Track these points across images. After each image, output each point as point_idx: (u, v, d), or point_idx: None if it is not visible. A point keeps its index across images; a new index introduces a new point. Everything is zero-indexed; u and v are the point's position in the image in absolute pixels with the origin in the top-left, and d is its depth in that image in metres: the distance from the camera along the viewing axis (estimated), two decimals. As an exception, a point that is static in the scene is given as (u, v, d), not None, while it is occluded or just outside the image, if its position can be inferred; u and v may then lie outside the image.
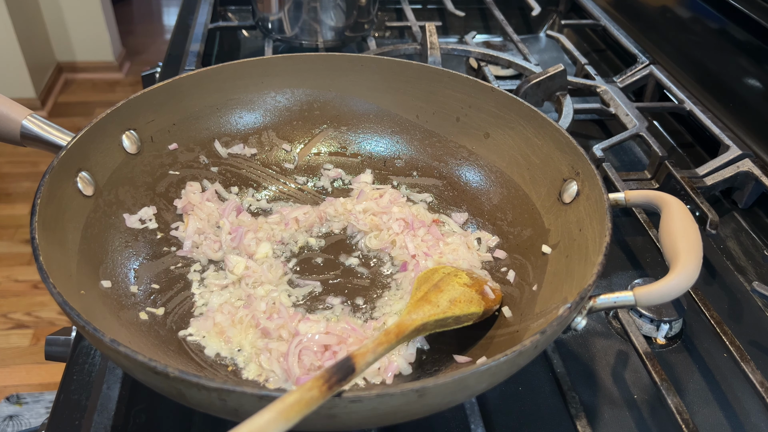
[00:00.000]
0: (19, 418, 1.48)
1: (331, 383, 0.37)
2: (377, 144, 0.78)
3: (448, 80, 0.73)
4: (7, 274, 1.99)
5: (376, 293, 0.64)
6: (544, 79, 0.88)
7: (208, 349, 0.56)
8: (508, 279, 0.64)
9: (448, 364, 0.56)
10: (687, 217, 0.54)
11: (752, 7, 0.88)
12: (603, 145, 0.83)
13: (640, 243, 0.77)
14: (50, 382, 1.67)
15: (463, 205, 0.73)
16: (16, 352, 1.75)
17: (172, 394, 0.41)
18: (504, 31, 1.16)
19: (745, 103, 0.89)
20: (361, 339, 0.57)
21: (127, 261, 0.62)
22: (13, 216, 2.22)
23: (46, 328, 1.83)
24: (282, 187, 0.75)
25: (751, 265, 0.74)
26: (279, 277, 0.64)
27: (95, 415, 0.50)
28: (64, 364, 0.60)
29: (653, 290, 0.49)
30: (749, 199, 0.80)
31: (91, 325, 0.42)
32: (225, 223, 0.68)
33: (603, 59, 1.19)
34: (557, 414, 0.56)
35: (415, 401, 0.40)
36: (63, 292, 0.45)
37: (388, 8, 1.28)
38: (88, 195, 0.60)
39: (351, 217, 0.71)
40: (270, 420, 0.35)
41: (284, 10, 1.01)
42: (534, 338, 0.43)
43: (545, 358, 0.60)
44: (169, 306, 0.60)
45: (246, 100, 0.75)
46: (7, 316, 1.85)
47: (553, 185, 0.64)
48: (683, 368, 0.62)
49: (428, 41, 0.96)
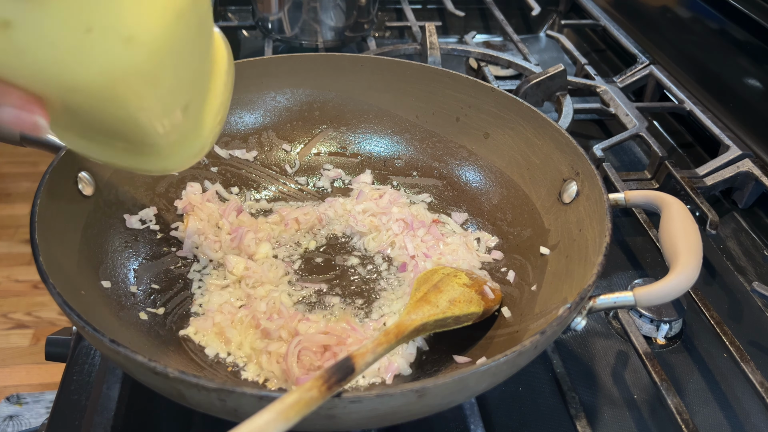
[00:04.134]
0: (19, 418, 1.48)
1: (330, 383, 0.37)
2: (377, 144, 0.78)
3: (448, 80, 0.73)
4: (7, 274, 1.99)
5: (376, 294, 0.64)
6: (544, 79, 0.88)
7: (207, 349, 0.56)
8: (507, 279, 0.64)
9: (447, 364, 0.56)
10: (687, 218, 0.54)
11: (752, 7, 0.88)
12: (603, 145, 0.83)
13: (640, 243, 0.77)
14: (50, 382, 1.67)
15: (463, 205, 0.73)
16: (16, 352, 1.75)
17: (172, 394, 0.41)
18: (504, 31, 1.16)
19: (745, 103, 0.89)
20: (361, 339, 0.57)
21: (127, 261, 0.62)
22: (13, 216, 2.22)
23: (46, 328, 1.83)
24: (282, 187, 0.75)
25: (751, 265, 0.74)
26: (279, 278, 0.64)
27: (95, 415, 0.50)
28: (64, 364, 0.60)
29: (653, 290, 0.49)
30: (749, 199, 0.80)
31: (91, 326, 0.42)
32: (225, 224, 0.68)
33: (603, 59, 1.19)
34: (557, 414, 0.56)
35: (414, 401, 0.40)
36: (63, 292, 0.45)
37: (388, 8, 1.28)
38: (88, 195, 0.60)
39: (350, 218, 0.71)
40: (269, 420, 0.35)
41: (284, 10, 1.01)
42: (534, 339, 0.43)
43: (545, 358, 0.60)
44: (169, 306, 0.60)
45: (246, 100, 0.75)
46: (7, 316, 1.85)
47: (553, 185, 0.64)
48: (683, 368, 0.62)
49: (428, 41, 0.96)
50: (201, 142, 0.45)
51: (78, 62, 0.32)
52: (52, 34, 0.31)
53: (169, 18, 0.35)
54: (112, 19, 0.32)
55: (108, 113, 0.37)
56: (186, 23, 0.37)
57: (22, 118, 0.34)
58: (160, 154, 0.42)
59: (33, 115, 0.34)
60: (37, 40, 0.31)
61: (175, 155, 0.43)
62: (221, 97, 0.45)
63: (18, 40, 0.31)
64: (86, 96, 0.35)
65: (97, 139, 0.41)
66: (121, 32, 0.32)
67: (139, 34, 0.33)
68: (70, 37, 0.31)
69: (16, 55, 0.31)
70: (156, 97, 0.37)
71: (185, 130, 0.42)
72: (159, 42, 0.35)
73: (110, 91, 0.35)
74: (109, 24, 0.32)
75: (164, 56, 0.36)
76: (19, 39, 0.31)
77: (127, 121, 0.37)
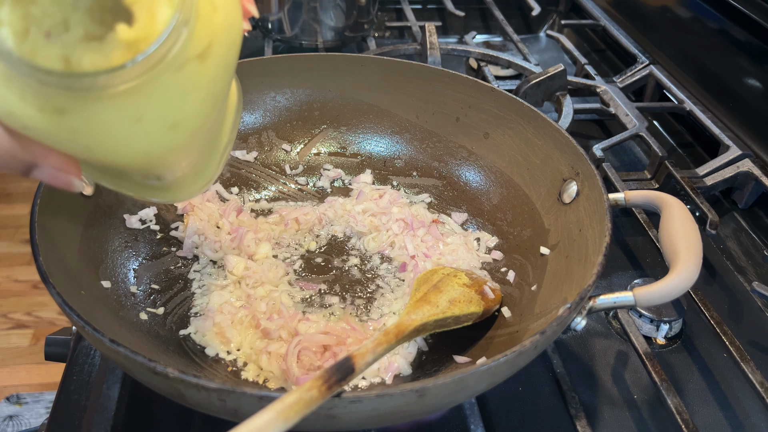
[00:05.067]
0: (19, 418, 1.48)
1: (330, 383, 0.37)
2: (377, 144, 0.78)
3: (448, 80, 0.73)
4: (7, 274, 1.99)
5: (376, 294, 0.64)
6: (544, 79, 0.88)
7: (208, 349, 0.56)
8: (507, 279, 0.64)
9: (447, 364, 0.56)
10: (687, 218, 0.54)
11: (752, 7, 0.88)
12: (603, 145, 0.83)
13: (640, 243, 0.77)
14: (50, 382, 1.67)
15: (463, 205, 0.73)
16: (16, 352, 1.75)
17: (172, 394, 0.41)
18: (504, 31, 1.16)
19: (745, 103, 0.89)
20: (361, 339, 0.57)
21: (127, 261, 0.62)
22: (13, 216, 2.22)
23: (46, 328, 1.83)
24: (282, 187, 0.75)
25: (751, 265, 0.74)
26: (279, 278, 0.64)
27: (95, 415, 0.50)
28: (64, 364, 0.60)
29: (653, 290, 0.49)
30: (749, 199, 0.80)
31: (90, 326, 0.42)
32: (225, 224, 0.68)
33: (603, 59, 1.19)
34: (557, 414, 0.56)
35: (414, 401, 0.40)
36: (63, 292, 0.45)
37: (388, 8, 1.28)
38: (88, 195, 0.60)
39: (350, 218, 0.71)
40: (269, 420, 0.35)
41: (284, 10, 1.01)
42: (534, 339, 0.43)
43: (545, 358, 0.60)
44: (169, 306, 0.60)
45: (246, 100, 0.75)
46: (7, 316, 1.85)
47: (553, 185, 0.64)
48: (683, 368, 0.62)
49: (428, 41, 0.96)
50: (210, 176, 0.47)
51: (125, 145, 0.35)
52: (104, 123, 0.33)
53: (209, 105, 0.37)
54: (161, 111, 0.34)
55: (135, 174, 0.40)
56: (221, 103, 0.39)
57: (59, 177, 0.36)
58: (172, 190, 0.45)
59: (69, 175, 0.36)
60: (89, 127, 0.33)
61: (187, 189, 0.46)
62: (230, 135, 0.47)
63: (70, 124, 0.33)
64: (124, 168, 0.37)
65: (116, 179, 0.43)
66: (168, 121, 0.35)
67: (183, 122, 0.35)
68: (121, 125, 0.33)
69: (66, 135, 0.33)
70: (181, 161, 0.40)
71: (199, 169, 0.45)
72: (199, 125, 0.37)
73: (149, 164, 0.37)
74: (158, 115, 0.34)
75: (199, 139, 0.39)
76: (71, 124, 0.33)
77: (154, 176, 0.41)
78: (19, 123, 0.32)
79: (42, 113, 0.32)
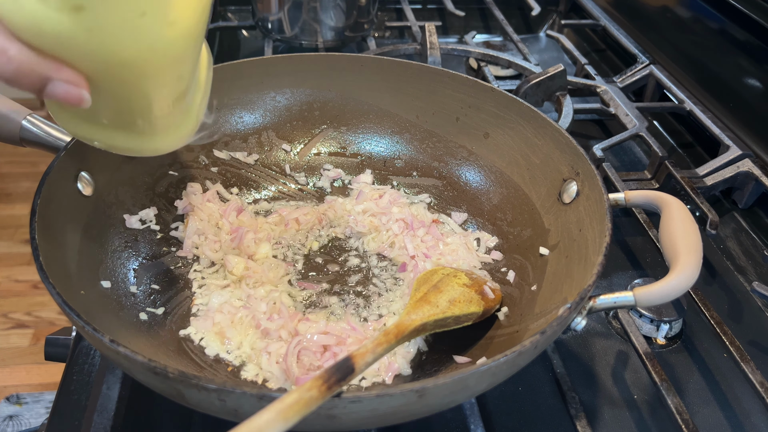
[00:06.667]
0: (19, 418, 1.48)
1: (330, 383, 0.37)
2: (377, 144, 0.78)
3: (448, 80, 0.73)
4: (7, 274, 1.99)
5: (376, 294, 0.64)
6: (544, 79, 0.88)
7: (208, 349, 0.56)
8: (507, 279, 0.64)
9: (447, 364, 0.56)
10: (687, 218, 0.54)
11: (752, 7, 0.88)
12: (603, 145, 0.83)
13: (640, 243, 0.77)
14: (50, 382, 1.67)
15: (463, 205, 0.73)
16: (16, 352, 1.75)
17: (172, 394, 0.41)
18: (504, 31, 1.16)
19: (745, 103, 0.89)
20: (361, 339, 0.57)
21: (127, 261, 0.62)
22: (13, 216, 2.22)
23: (46, 328, 1.83)
24: (282, 187, 0.75)
25: (751, 265, 0.74)
26: (279, 278, 0.64)
27: (95, 415, 0.50)
28: (64, 364, 0.60)
29: (653, 290, 0.49)
30: (749, 199, 0.80)
31: (91, 326, 0.42)
32: (225, 224, 0.68)
33: (603, 59, 1.19)
34: (557, 414, 0.56)
35: (414, 402, 0.40)
36: (63, 292, 0.45)
37: (388, 8, 1.28)
38: (88, 195, 0.60)
39: (350, 218, 0.71)
40: (269, 420, 0.35)
41: (284, 10, 1.01)
42: (534, 339, 0.43)
43: (545, 358, 0.60)
44: (169, 306, 0.60)
45: (246, 100, 0.75)
46: (7, 316, 1.85)
47: (553, 185, 0.64)
48: (683, 368, 0.62)
49: (428, 41, 0.96)
50: (188, 128, 0.52)
51: (132, 39, 0.41)
52: (115, 17, 0.39)
53: (200, 11, 0.44)
54: (162, 7, 0.41)
55: (134, 87, 0.44)
56: (204, 18, 0.46)
57: (71, 92, 0.40)
58: (155, 135, 0.50)
59: (80, 89, 0.41)
60: (102, 22, 0.39)
61: (167, 136, 0.51)
62: (204, 91, 0.53)
63: (86, 21, 0.38)
64: (128, 70, 0.42)
65: (103, 122, 0.47)
66: (168, 17, 0.41)
67: (179, 20, 0.42)
68: (128, 20, 0.40)
69: (82, 34, 0.39)
70: (174, 76, 0.46)
71: (179, 114, 0.50)
72: (191, 27, 0.44)
73: (150, 64, 0.43)
74: (159, 10, 0.41)
75: (189, 41, 0.45)
76: (87, 21, 0.38)
77: (145, 96, 0.45)
78: (38, 28, 0.37)
79: (60, 13, 0.37)
